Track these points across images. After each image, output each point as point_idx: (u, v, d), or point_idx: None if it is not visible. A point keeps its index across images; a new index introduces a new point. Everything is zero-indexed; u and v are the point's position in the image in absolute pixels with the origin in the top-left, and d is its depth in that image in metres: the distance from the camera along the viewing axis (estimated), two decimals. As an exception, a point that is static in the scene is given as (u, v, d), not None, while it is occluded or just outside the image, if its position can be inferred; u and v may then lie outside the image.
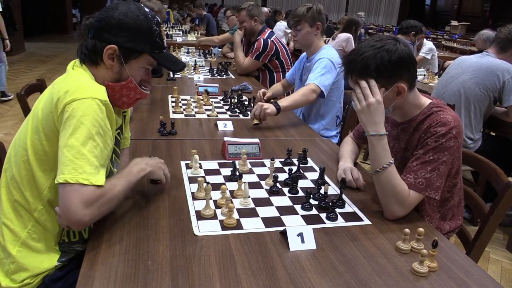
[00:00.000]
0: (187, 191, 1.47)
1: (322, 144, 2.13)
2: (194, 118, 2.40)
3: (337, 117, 2.77)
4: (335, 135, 2.78)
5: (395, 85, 1.39)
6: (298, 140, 2.18)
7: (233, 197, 1.45)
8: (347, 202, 1.48)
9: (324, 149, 2.06)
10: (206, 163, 1.74)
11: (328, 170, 1.73)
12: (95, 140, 1.14)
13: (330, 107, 2.71)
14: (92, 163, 1.11)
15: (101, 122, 1.16)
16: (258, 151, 1.84)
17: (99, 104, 1.16)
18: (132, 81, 1.30)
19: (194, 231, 1.23)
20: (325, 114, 2.72)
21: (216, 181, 1.56)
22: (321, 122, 2.73)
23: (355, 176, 1.60)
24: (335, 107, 2.73)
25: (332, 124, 2.76)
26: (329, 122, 2.74)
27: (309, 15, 2.59)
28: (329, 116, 2.73)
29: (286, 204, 1.44)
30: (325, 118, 2.73)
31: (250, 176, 1.66)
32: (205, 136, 2.11)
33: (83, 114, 1.13)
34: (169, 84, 3.17)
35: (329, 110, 2.72)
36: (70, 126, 1.12)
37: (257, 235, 1.24)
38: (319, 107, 2.71)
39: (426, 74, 4.74)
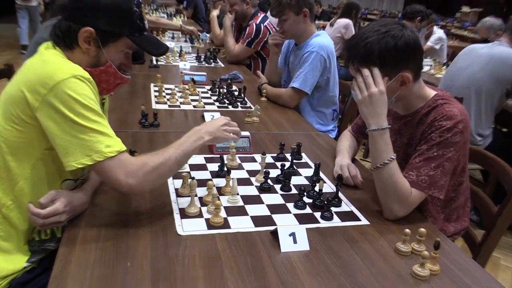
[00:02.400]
0: (170, 187, 1.48)
1: (318, 138, 2.15)
2: (179, 109, 2.40)
3: (333, 111, 2.79)
4: (332, 129, 2.81)
5: (399, 74, 1.41)
6: (292, 134, 2.20)
7: (220, 194, 1.46)
8: (344, 201, 1.50)
9: (320, 143, 2.08)
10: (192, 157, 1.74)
11: (323, 166, 1.75)
12: (96, 112, 1.18)
13: (324, 101, 2.74)
14: (107, 134, 1.19)
15: (93, 97, 1.19)
16: (248, 145, 1.86)
17: (84, 82, 1.19)
18: (111, 65, 1.30)
19: (178, 230, 1.24)
20: (319, 108, 2.75)
21: (202, 176, 1.57)
22: (316, 116, 2.75)
23: (352, 173, 1.62)
24: (330, 101, 2.75)
25: (328, 119, 2.79)
26: (324, 117, 2.77)
27: (293, 2, 2.58)
28: (324, 110, 2.75)
29: (278, 202, 1.46)
30: (320, 113, 2.76)
31: (239, 172, 1.67)
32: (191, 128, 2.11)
33: (73, 93, 1.15)
34: (152, 72, 3.17)
35: (324, 104, 2.74)
36: (66, 109, 1.14)
37: (246, 235, 1.25)
38: (312, 101, 2.73)
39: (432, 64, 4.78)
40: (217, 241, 1.21)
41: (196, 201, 1.38)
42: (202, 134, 1.38)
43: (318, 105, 2.73)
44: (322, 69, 2.60)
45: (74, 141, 1.15)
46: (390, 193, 1.38)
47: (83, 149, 1.15)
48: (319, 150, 1.99)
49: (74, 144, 1.15)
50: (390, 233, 1.33)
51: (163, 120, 2.16)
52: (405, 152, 1.57)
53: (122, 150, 1.20)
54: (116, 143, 1.20)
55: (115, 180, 1.19)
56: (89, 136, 1.16)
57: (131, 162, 1.21)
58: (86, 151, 1.15)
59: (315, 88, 2.63)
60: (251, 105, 2.59)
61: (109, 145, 1.18)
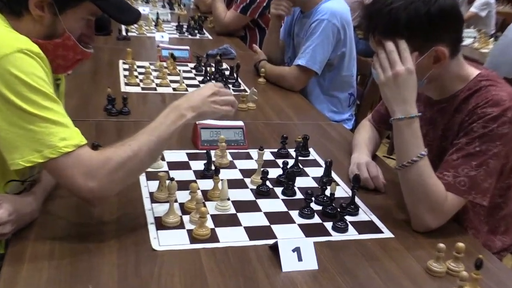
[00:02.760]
0: (143, 191, 1.48)
1: (330, 129, 2.15)
2: (155, 92, 2.39)
3: (349, 96, 2.80)
4: (348, 118, 2.82)
5: (432, 49, 1.41)
6: (297, 124, 2.19)
7: (206, 199, 1.46)
8: (362, 208, 1.50)
9: (332, 136, 2.08)
10: (171, 153, 1.75)
11: (336, 164, 1.75)
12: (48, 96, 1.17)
13: (338, 82, 2.74)
14: (62, 123, 1.17)
15: (44, 78, 1.18)
16: (242, 138, 1.86)
17: (33, 58, 1.17)
18: (70, 37, 1.30)
19: (153, 245, 1.24)
20: (332, 91, 2.75)
21: (183, 177, 1.57)
22: (328, 102, 2.76)
23: (372, 172, 1.63)
24: (345, 82, 2.75)
25: (343, 105, 2.79)
26: (338, 102, 2.77)
27: None
28: (338, 95, 2.76)
29: (279, 210, 1.46)
30: (332, 97, 2.76)
31: (231, 171, 1.67)
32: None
33: (19, 72, 1.13)
34: (121, 46, 3.16)
35: (338, 87, 2.74)
36: (10, 93, 1.12)
37: (239, 251, 1.25)
38: (323, 82, 2.73)
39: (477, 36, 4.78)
40: (202, 258, 1.21)
41: (176, 208, 1.38)
42: (183, 111, 1.34)
43: (330, 88, 2.74)
44: (335, 42, 2.60)
45: (20, 133, 1.14)
46: (420, 198, 1.38)
47: (32, 143, 1.14)
48: (331, 144, 1.99)
49: (21, 137, 1.14)
50: (420, 249, 1.34)
51: (135, 107, 2.15)
52: (439, 146, 1.57)
53: (81, 144, 1.19)
54: (74, 135, 1.19)
55: (72, 183, 1.18)
56: (39, 126, 1.14)
57: (91, 158, 1.19)
58: (36, 145, 1.14)
59: (327, 66, 2.64)
60: (245, 88, 2.59)
61: (65, 138, 1.16)
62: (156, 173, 1.51)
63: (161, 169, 1.61)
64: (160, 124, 1.30)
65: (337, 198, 1.49)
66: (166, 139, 1.30)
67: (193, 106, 1.36)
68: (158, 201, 1.42)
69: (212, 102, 1.40)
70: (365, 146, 1.80)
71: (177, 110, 1.33)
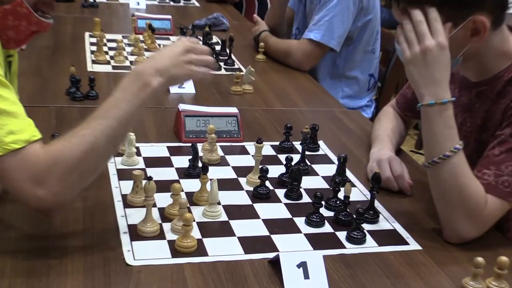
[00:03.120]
0: (114, 193, 1.49)
1: (345, 118, 2.15)
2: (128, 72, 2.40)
3: (369, 77, 2.81)
4: (367, 104, 2.83)
5: (470, 19, 1.41)
6: (304, 112, 2.20)
7: (192, 204, 1.47)
8: (383, 214, 1.52)
9: (347, 126, 2.08)
10: (148, 147, 1.76)
11: (352, 161, 1.75)
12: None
13: (357, 61, 2.75)
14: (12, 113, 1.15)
15: None
16: (237, 129, 1.86)
17: None
18: (23, 3, 1.30)
19: (127, 259, 1.24)
20: (349, 72, 2.76)
21: (164, 176, 1.58)
22: (343, 85, 2.78)
23: (396, 171, 1.63)
24: (366, 61, 2.77)
25: (362, 89, 2.80)
26: (355, 85, 2.79)
27: None
28: (356, 75, 2.77)
29: (281, 216, 1.47)
30: (349, 79, 2.78)
31: (222, 169, 1.68)
32: (147, 103, 2.12)
33: None
34: (87, 15, 3.16)
35: (356, 66, 2.76)
36: None
37: (231, 266, 1.25)
38: (339, 60, 2.74)
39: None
40: (187, 274, 1.21)
41: (155, 214, 1.39)
42: (148, 78, 1.27)
43: (346, 67, 2.76)
44: (356, 11, 2.61)
45: None
46: (454, 202, 1.39)
47: None
48: (345, 137, 2.00)
49: None
50: (453, 264, 1.35)
51: (104, 90, 2.15)
52: (478, 139, 1.58)
53: (32, 140, 1.17)
54: (25, 127, 1.18)
55: (18, 189, 1.16)
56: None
57: (38, 159, 1.16)
58: None
59: (344, 40, 2.64)
60: (241, 67, 2.60)
61: (13, 131, 1.15)
62: (130, 171, 1.52)
63: (136, 166, 1.61)
64: (119, 101, 1.25)
65: (353, 202, 1.49)
66: (129, 120, 1.25)
67: (160, 69, 1.29)
68: (132, 206, 1.43)
69: (185, 63, 1.33)
70: (388, 139, 1.81)
71: (139, 78, 1.27)
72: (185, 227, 1.29)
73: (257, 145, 1.61)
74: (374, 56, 2.80)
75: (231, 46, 2.65)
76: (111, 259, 1.24)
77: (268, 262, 1.27)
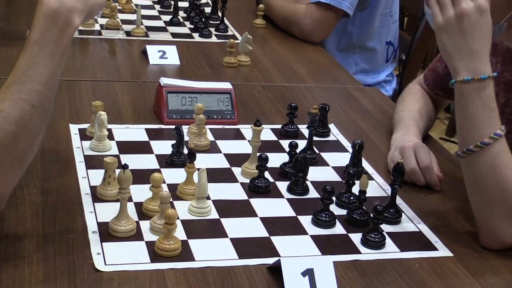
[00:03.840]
0: (81, 184, 1.48)
1: (361, 96, 2.15)
2: (99, 38, 2.41)
3: (387, 45, 2.82)
4: (387, 79, 2.84)
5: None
6: (312, 88, 2.19)
7: (175, 198, 1.47)
8: (406, 213, 1.51)
9: (363, 106, 2.08)
10: (123, 129, 1.75)
11: (369, 148, 1.76)
12: None
13: (373, 27, 2.75)
14: None
15: None
16: (230, 108, 1.86)
17: None
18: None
19: (96, 263, 1.23)
20: (364, 42, 2.77)
21: (142, 165, 1.58)
22: (356, 58, 2.78)
23: (423, 161, 1.62)
24: (382, 27, 2.77)
25: (379, 60, 2.81)
26: (372, 57, 2.79)
27: None
28: (373, 46, 2.77)
29: (283, 214, 1.47)
30: (363, 51, 2.78)
31: (212, 157, 1.68)
32: (122, 76, 2.11)
33: None
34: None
35: (371, 34, 2.76)
36: None
37: (223, 273, 1.25)
38: (351, 29, 2.74)
39: None
40: (169, 283, 1.21)
41: (131, 209, 1.38)
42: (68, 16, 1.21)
43: (361, 36, 2.76)
44: None
45: None
46: (493, 199, 1.39)
47: None
48: (361, 119, 1.99)
49: None
50: (490, 274, 1.34)
51: (69, 59, 2.10)
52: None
53: None
54: None
55: None
56: None
57: None
58: None
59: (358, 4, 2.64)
60: (236, 34, 2.60)
61: None
62: (100, 158, 1.52)
63: (107, 152, 1.61)
64: (38, 57, 1.20)
65: (370, 198, 1.48)
66: (55, 77, 1.22)
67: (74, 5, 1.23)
68: (103, 200, 1.43)
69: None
70: (413, 122, 1.80)
71: (57, 18, 1.21)
72: (167, 226, 1.28)
73: (254, 128, 1.60)
74: (392, 20, 2.80)
75: (224, 7, 2.62)
76: (78, 264, 1.23)
77: (267, 269, 1.27)
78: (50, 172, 1.50)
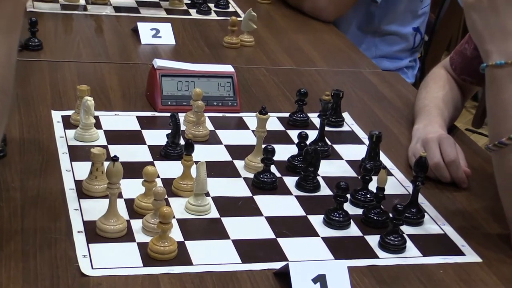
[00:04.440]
0: (65, 178, 1.49)
1: (379, 82, 2.16)
2: (85, 14, 2.42)
3: (415, 32, 2.83)
4: (410, 64, 2.85)
5: None
6: (324, 72, 2.20)
7: (171, 195, 1.48)
8: (429, 213, 1.52)
9: (381, 93, 2.09)
10: (112, 116, 1.76)
11: (388, 140, 1.76)
12: None
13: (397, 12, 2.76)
14: None
15: None
16: (232, 94, 1.86)
17: None
18: None
19: (82, 267, 1.23)
20: (385, 26, 2.78)
21: (133, 157, 1.59)
22: (377, 42, 2.80)
23: (449, 155, 1.62)
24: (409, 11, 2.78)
25: (403, 47, 2.82)
26: (395, 43, 2.80)
27: None
28: (396, 31, 2.79)
29: (291, 213, 1.48)
30: (385, 35, 2.80)
31: (212, 148, 1.68)
32: (110, 57, 2.12)
33: None
34: None
35: (396, 18, 2.77)
36: None
37: (224, 279, 1.25)
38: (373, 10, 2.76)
39: None
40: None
41: (121, 207, 1.39)
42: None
43: (385, 20, 2.77)
44: None
45: None
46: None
47: None
48: (379, 107, 2.00)
49: None
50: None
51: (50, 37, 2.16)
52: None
53: None
54: None
55: None
56: None
57: None
58: None
59: None
60: (238, 10, 2.61)
61: None
62: (87, 149, 1.51)
63: (95, 143, 1.61)
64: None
65: (388, 195, 1.49)
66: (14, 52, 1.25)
67: None
68: (90, 196, 1.43)
69: None
70: (438, 111, 1.80)
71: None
72: (162, 226, 1.28)
73: (259, 117, 1.60)
74: (422, 4, 2.80)
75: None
76: (61, 267, 1.23)
77: (273, 275, 1.27)
78: (30, 164, 1.50)
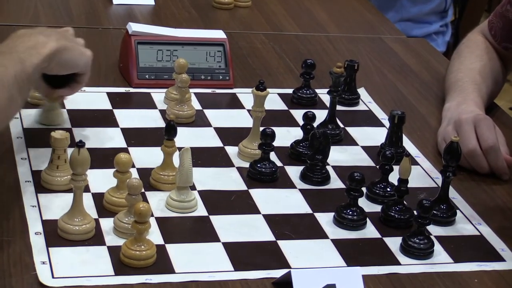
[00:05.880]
0: (20, 168, 1.49)
1: (402, 51, 2.17)
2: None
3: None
4: (440, 30, 2.86)
5: None
6: (335, 39, 2.21)
7: (148, 188, 1.48)
8: (462, 211, 1.52)
9: (405, 64, 2.09)
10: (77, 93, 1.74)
11: (413, 121, 1.78)
12: None
13: None
14: None
15: None
16: (223, 65, 1.87)
17: None
18: None
19: (40, 276, 1.23)
20: None
21: (103, 142, 1.59)
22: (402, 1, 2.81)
23: (486, 140, 1.63)
24: None
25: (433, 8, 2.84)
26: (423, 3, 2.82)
27: None
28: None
29: (295, 211, 1.48)
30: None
31: (199, 131, 1.69)
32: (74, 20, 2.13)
33: None
34: None
35: None
36: None
37: (213, 291, 1.27)
38: None
39: None
40: (140, 303, 1.23)
41: (88, 203, 1.39)
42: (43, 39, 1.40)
43: None
44: None
45: None
46: None
47: None
48: (402, 81, 2.00)
49: None
50: None
51: None
52: None
53: None
54: None
55: None
56: None
57: None
58: None
59: None
60: None
61: None
62: (47, 132, 1.51)
63: (55, 125, 1.62)
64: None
65: (412, 189, 1.49)
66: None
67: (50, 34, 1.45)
68: (50, 189, 1.43)
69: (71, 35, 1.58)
70: (474, 87, 1.81)
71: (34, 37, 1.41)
72: (138, 226, 1.28)
73: (257, 93, 1.60)
74: None
75: None
76: (15, 276, 1.24)
77: (272, 285, 1.27)
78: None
